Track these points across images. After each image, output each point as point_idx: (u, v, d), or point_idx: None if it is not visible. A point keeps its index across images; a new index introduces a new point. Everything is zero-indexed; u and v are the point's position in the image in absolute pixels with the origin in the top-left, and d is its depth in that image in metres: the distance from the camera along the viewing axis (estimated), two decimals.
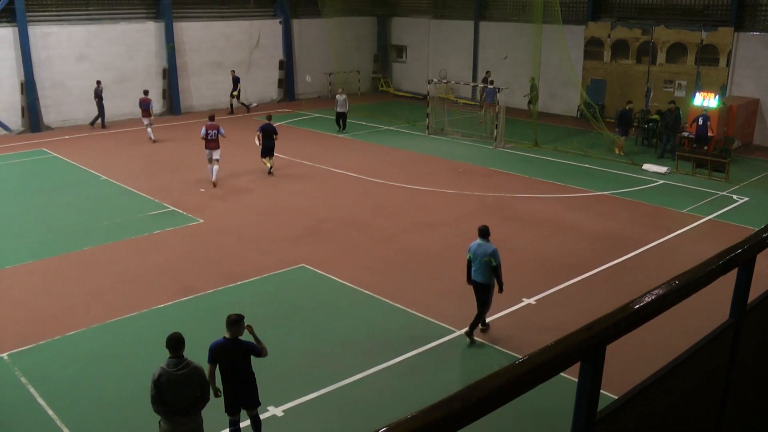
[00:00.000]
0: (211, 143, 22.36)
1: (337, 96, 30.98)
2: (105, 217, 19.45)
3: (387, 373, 11.55)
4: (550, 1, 28.19)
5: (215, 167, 22.47)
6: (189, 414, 8.32)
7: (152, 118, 29.14)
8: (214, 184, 22.47)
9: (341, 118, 30.90)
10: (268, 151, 23.80)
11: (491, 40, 38.03)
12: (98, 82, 31.08)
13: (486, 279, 12.23)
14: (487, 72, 36.71)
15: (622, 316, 2.38)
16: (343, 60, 39.13)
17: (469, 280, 12.47)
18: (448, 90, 36.88)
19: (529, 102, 32.49)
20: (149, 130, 28.89)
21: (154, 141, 28.83)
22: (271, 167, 23.88)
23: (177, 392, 8.19)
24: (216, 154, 22.42)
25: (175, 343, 8.29)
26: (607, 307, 2.57)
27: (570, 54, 29.78)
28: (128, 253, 16.96)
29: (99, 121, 31.66)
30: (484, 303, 12.42)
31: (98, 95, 31.12)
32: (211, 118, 23.09)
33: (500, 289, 12.29)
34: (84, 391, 11.11)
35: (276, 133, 23.77)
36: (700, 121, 25.17)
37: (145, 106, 28.70)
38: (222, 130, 22.60)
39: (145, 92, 29.19)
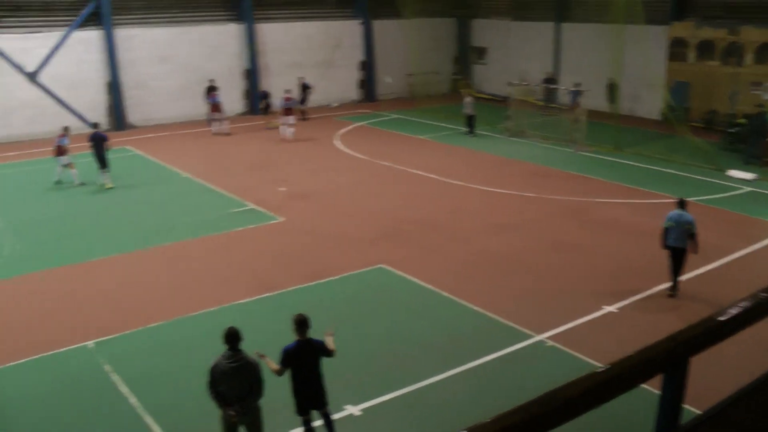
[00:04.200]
0: (288, 111, 29.30)
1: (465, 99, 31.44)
2: (187, 214, 19.97)
3: (464, 377, 11.51)
4: (633, 1, 27.61)
5: (292, 130, 29.25)
6: (239, 405, 8.57)
7: (223, 113, 31.44)
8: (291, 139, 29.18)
9: (469, 120, 31.01)
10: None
11: (573, 41, 37.48)
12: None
13: (683, 243, 13.94)
14: (548, 73, 36.24)
15: (706, 327, 2.34)
16: (423, 61, 39.07)
17: (665, 245, 14.13)
18: (528, 92, 36.48)
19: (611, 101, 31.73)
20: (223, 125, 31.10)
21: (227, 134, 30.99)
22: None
23: (227, 383, 8.53)
24: (291, 120, 29.43)
25: (229, 336, 8.58)
26: (690, 318, 2.53)
27: (653, 55, 29.06)
28: (210, 249, 17.37)
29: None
30: (679, 265, 14.10)
31: (264, 96, 34.94)
32: (287, 91, 30.06)
33: (695, 251, 14.02)
34: (165, 381, 11.47)
35: (107, 139, 22.63)
36: None
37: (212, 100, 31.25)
38: (295, 102, 30.12)
39: (212, 88, 31.66)
